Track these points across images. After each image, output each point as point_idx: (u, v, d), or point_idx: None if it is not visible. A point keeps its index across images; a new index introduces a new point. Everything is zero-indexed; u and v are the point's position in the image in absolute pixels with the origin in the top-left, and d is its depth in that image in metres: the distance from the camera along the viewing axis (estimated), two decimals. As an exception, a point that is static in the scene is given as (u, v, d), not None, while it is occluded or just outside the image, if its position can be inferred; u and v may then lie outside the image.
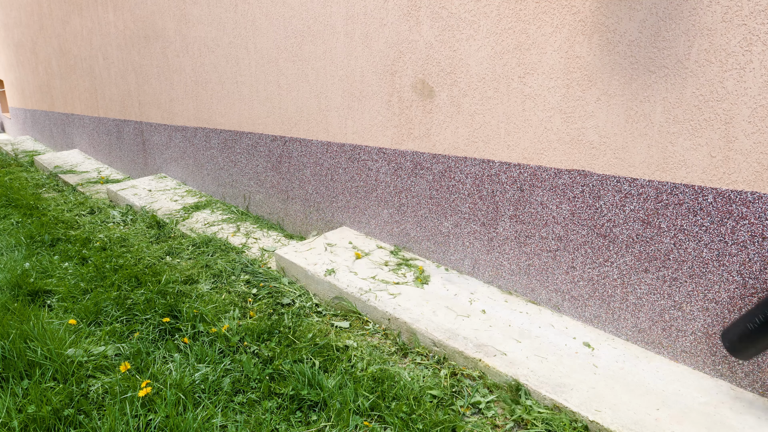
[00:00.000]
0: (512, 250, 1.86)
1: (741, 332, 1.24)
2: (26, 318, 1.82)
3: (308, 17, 2.39)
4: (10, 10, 7.30)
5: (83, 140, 5.72)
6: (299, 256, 2.25)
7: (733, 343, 1.28)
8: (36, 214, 3.41)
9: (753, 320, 1.22)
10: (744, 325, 1.24)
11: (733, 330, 1.26)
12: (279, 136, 2.79)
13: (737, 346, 1.27)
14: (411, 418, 1.34)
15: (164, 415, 1.35)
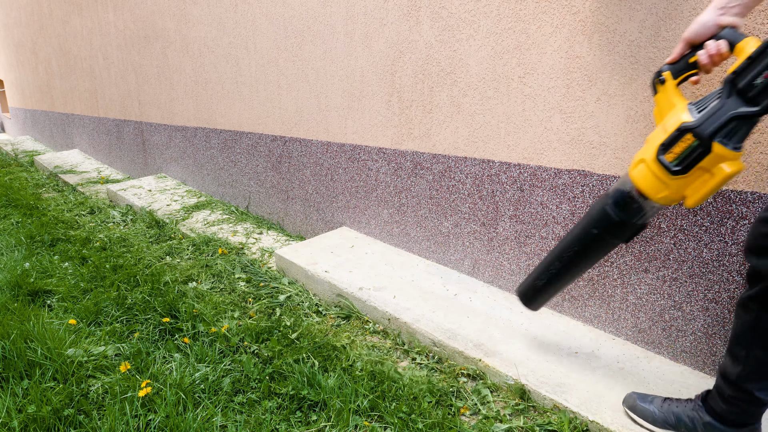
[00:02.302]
0: (512, 250, 1.86)
1: (532, 288, 1.48)
2: (26, 318, 1.82)
3: (308, 17, 2.39)
4: (10, 10, 7.30)
5: (83, 140, 5.72)
6: (299, 256, 2.25)
7: (527, 297, 1.51)
8: (36, 214, 3.41)
9: (542, 278, 1.43)
10: (533, 282, 1.46)
11: (526, 286, 1.50)
12: (279, 136, 2.80)
13: (530, 300, 1.51)
14: (411, 417, 1.34)
15: (164, 415, 1.35)
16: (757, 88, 0.98)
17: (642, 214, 1.22)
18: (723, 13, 1.04)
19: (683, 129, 1.07)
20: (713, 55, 1.05)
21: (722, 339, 1.42)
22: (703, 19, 1.06)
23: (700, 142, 1.05)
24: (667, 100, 1.15)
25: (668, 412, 1.22)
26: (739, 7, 1.03)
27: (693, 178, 1.10)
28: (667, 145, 1.10)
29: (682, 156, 1.09)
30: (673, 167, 1.10)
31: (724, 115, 1.02)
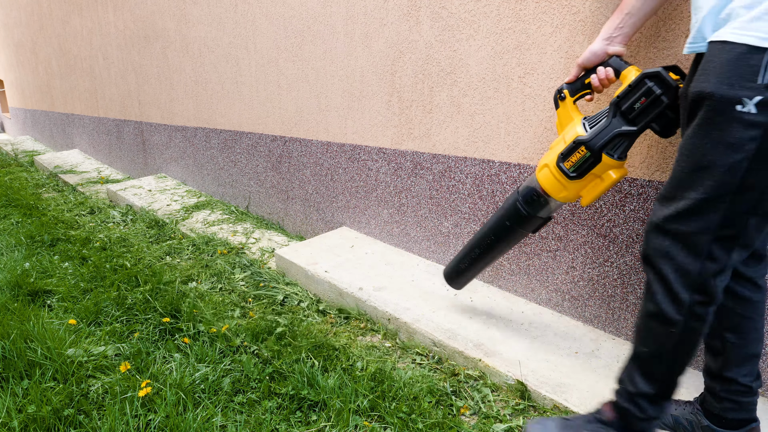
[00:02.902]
0: (512, 250, 1.86)
1: (456, 270, 1.68)
2: (26, 318, 1.82)
3: (308, 17, 2.39)
4: (10, 10, 7.30)
5: (83, 140, 5.72)
6: (299, 256, 2.25)
7: (452, 278, 1.71)
8: (36, 214, 3.41)
9: (464, 262, 1.63)
10: (457, 266, 1.66)
11: (451, 268, 1.70)
12: (279, 136, 2.80)
13: (455, 280, 1.71)
14: (411, 417, 1.34)
15: (164, 415, 1.35)
16: (635, 111, 1.19)
17: (546, 210, 1.43)
18: (609, 43, 1.22)
19: (578, 142, 1.27)
20: (602, 79, 1.25)
21: (722, 339, 1.42)
22: (594, 48, 1.24)
23: (591, 153, 1.26)
24: (567, 114, 1.36)
25: (666, 414, 1.24)
26: (621, 37, 1.22)
27: (587, 182, 1.32)
28: (565, 155, 1.31)
29: (577, 164, 1.29)
30: (570, 173, 1.31)
31: (610, 132, 1.23)
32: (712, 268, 0.96)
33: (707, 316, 1.00)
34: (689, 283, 0.98)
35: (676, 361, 1.04)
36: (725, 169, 0.89)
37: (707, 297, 0.98)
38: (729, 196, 0.91)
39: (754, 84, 0.84)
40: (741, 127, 0.86)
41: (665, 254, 1.00)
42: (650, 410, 1.08)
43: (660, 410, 1.09)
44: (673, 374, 1.06)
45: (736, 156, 0.88)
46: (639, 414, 1.08)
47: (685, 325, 1.00)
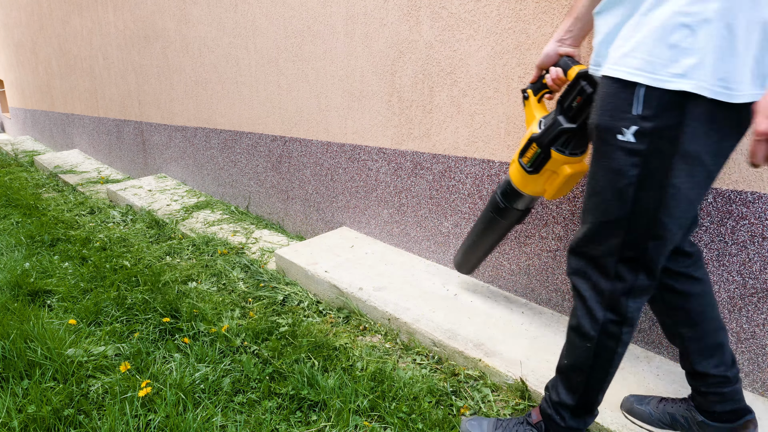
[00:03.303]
0: (512, 250, 1.86)
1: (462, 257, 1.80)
2: (26, 318, 1.82)
3: (308, 17, 2.39)
4: (10, 10, 7.30)
5: (83, 140, 5.72)
6: (299, 256, 2.25)
7: (461, 265, 1.83)
8: (36, 214, 3.41)
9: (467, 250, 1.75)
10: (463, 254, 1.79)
11: (458, 259, 1.83)
12: (279, 136, 2.80)
13: (463, 267, 1.83)
14: (411, 417, 1.34)
15: (164, 415, 1.35)
16: (573, 109, 1.24)
17: (520, 202, 1.51)
18: (560, 44, 1.27)
19: (531, 139, 1.35)
20: (554, 79, 1.30)
21: (722, 339, 1.42)
22: (547, 49, 1.30)
23: (541, 149, 1.33)
24: (530, 112, 1.42)
25: (663, 412, 1.26)
26: (571, 39, 1.26)
27: (545, 176, 1.39)
28: (523, 151, 1.39)
29: (532, 159, 1.37)
30: (528, 168, 1.39)
31: (555, 129, 1.29)
32: (621, 288, 1.02)
33: (621, 336, 1.05)
34: (603, 301, 1.04)
35: (593, 376, 1.09)
36: (614, 195, 0.96)
37: (619, 316, 1.03)
38: (624, 221, 0.97)
39: (630, 115, 0.90)
40: (623, 154, 0.92)
41: (582, 273, 1.07)
42: (571, 421, 1.14)
43: (582, 423, 1.14)
44: (591, 389, 1.10)
45: (622, 182, 0.94)
46: (560, 422, 1.14)
47: (599, 342, 1.06)
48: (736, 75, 0.84)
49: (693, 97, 0.85)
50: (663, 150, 0.89)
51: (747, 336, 1.37)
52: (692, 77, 0.84)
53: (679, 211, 0.94)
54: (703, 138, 0.88)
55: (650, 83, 0.87)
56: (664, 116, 0.88)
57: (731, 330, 1.39)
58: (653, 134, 0.89)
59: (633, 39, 0.90)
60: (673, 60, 0.85)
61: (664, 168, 0.90)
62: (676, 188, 0.91)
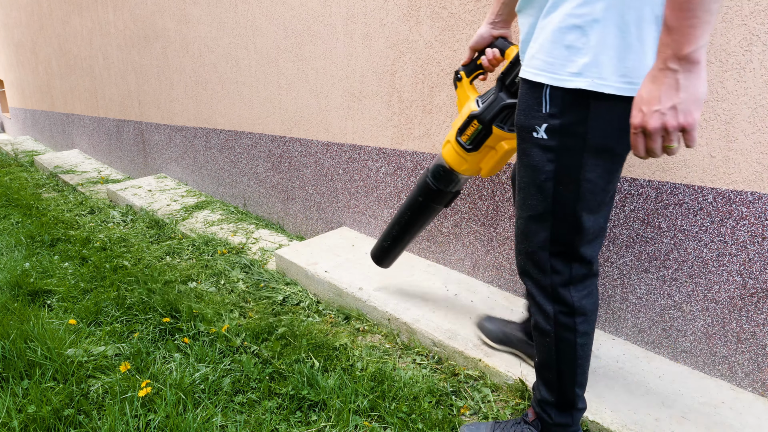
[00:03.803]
0: (512, 250, 1.86)
1: (381, 249, 1.79)
2: (26, 318, 1.82)
3: (308, 17, 2.39)
4: (10, 10, 7.30)
5: (83, 140, 5.72)
6: (299, 256, 2.25)
7: (378, 258, 1.82)
8: (36, 214, 3.41)
9: (387, 240, 1.75)
10: (381, 245, 1.78)
11: (375, 249, 1.81)
12: (279, 136, 2.80)
13: (381, 260, 1.82)
14: (411, 417, 1.34)
15: (164, 415, 1.35)
16: (516, 85, 1.28)
17: (454, 184, 1.55)
18: (493, 26, 1.33)
19: (471, 116, 1.38)
20: (491, 59, 1.35)
21: (722, 339, 1.42)
22: (481, 31, 1.35)
23: (482, 126, 1.37)
24: (464, 94, 1.46)
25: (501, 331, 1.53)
26: (502, 22, 1.32)
27: (483, 154, 1.43)
28: (462, 129, 1.42)
29: (472, 137, 1.40)
30: (467, 146, 1.42)
31: (497, 105, 1.33)
32: (559, 280, 1.05)
33: (576, 326, 1.06)
34: (548, 296, 1.07)
35: (562, 371, 1.11)
36: (536, 190, 1.01)
37: (567, 307, 1.05)
38: (548, 215, 1.01)
39: (540, 113, 0.95)
40: (539, 151, 0.97)
41: (526, 272, 1.10)
42: (558, 418, 1.15)
43: (569, 418, 1.15)
44: (565, 384, 1.12)
45: (541, 177, 0.98)
46: (548, 420, 1.16)
47: (557, 336, 1.08)
48: (637, 70, 0.86)
49: (595, 94, 0.88)
50: (572, 146, 0.93)
51: (747, 336, 1.37)
52: (588, 75, 0.87)
53: (596, 203, 0.98)
54: (611, 132, 0.91)
55: (552, 83, 0.91)
56: (569, 114, 0.92)
57: (731, 330, 1.39)
58: (561, 131, 0.93)
59: (537, 41, 0.95)
60: (570, 60, 0.89)
61: (576, 163, 0.94)
62: (590, 182, 0.95)
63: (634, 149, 0.85)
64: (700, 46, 0.75)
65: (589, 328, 1.08)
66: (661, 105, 0.78)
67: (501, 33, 1.33)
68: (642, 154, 0.84)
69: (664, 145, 0.82)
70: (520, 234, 1.08)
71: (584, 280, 1.06)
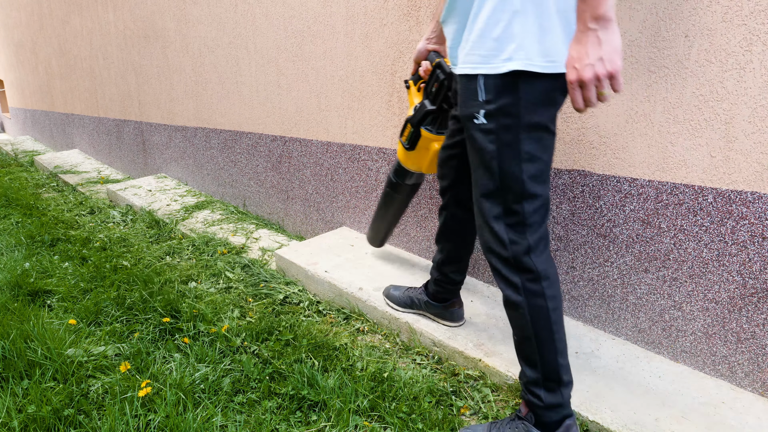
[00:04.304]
0: (512, 250, 1.86)
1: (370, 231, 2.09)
2: (26, 318, 1.82)
3: (308, 17, 2.39)
4: (10, 10, 7.30)
5: (83, 140, 5.72)
6: (299, 256, 2.25)
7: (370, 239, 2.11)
8: (36, 214, 3.41)
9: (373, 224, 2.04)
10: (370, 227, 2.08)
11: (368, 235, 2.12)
12: (279, 136, 2.80)
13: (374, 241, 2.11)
14: (411, 417, 1.34)
15: (164, 415, 1.35)
16: (433, 94, 1.54)
17: (408, 177, 1.79)
18: (428, 42, 1.54)
19: (406, 120, 1.64)
20: (425, 70, 1.57)
21: (722, 339, 1.42)
22: (419, 46, 1.56)
23: (414, 129, 1.61)
24: (411, 99, 1.67)
25: (406, 296, 1.74)
26: (436, 38, 1.52)
27: (419, 152, 1.65)
28: (402, 131, 1.68)
29: (408, 138, 1.65)
30: (406, 145, 1.67)
31: (422, 111, 1.56)
32: (518, 250, 1.13)
33: (544, 291, 1.14)
34: (512, 267, 1.14)
35: (541, 340, 1.15)
36: (484, 170, 1.13)
37: (532, 274, 1.13)
38: (498, 191, 1.12)
39: (478, 101, 1.08)
40: (481, 134, 1.10)
41: (489, 248, 1.18)
42: (548, 398, 1.16)
43: (559, 397, 1.16)
44: (546, 355, 1.16)
45: (486, 157, 1.11)
46: (538, 402, 1.17)
47: (529, 304, 1.14)
48: (554, 50, 1.01)
49: (522, 76, 1.02)
50: (509, 125, 1.06)
51: (747, 336, 1.37)
52: (516, 58, 1.01)
53: (537, 171, 1.10)
54: (540, 108, 1.05)
55: (488, 72, 1.05)
56: (502, 98, 1.05)
57: (731, 330, 1.40)
58: (497, 113, 1.06)
59: (469, 41, 1.09)
60: (500, 49, 1.03)
61: (515, 139, 1.07)
62: (529, 154, 1.08)
63: (574, 103, 0.98)
64: (610, 6, 0.91)
65: (557, 292, 1.15)
66: (590, 59, 0.93)
67: (434, 47, 1.53)
68: (581, 106, 0.97)
69: (597, 92, 0.95)
70: (478, 212, 1.18)
71: (540, 244, 1.14)
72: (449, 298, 1.65)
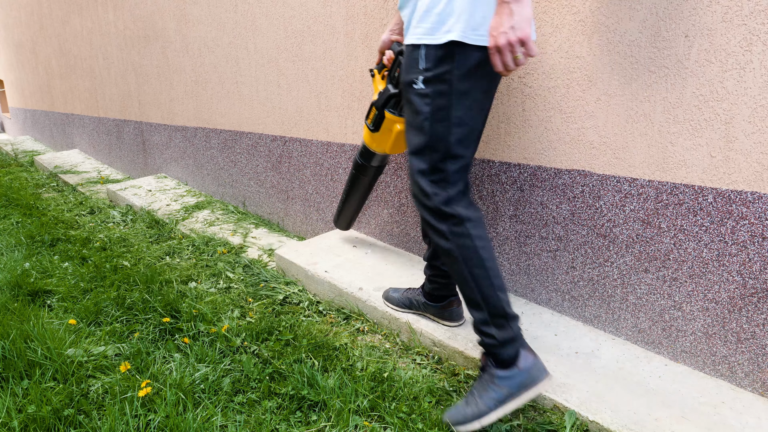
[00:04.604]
0: (512, 250, 1.86)
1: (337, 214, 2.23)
2: (26, 318, 1.82)
3: (308, 17, 2.39)
4: (10, 10, 7.31)
5: (83, 140, 5.72)
6: (299, 256, 2.25)
7: (336, 221, 2.26)
8: (36, 214, 3.41)
9: (340, 207, 2.18)
10: (338, 214, 2.23)
11: (335, 218, 2.26)
12: (279, 136, 2.80)
13: (336, 221, 2.26)
14: (411, 417, 1.34)
15: (164, 415, 1.35)
16: (396, 78, 1.67)
17: (373, 159, 1.91)
18: (391, 33, 1.68)
19: (371, 104, 1.76)
20: (388, 59, 1.70)
21: (722, 339, 1.42)
22: (383, 37, 1.69)
23: (378, 111, 1.72)
24: (376, 86, 1.78)
25: (405, 297, 1.76)
26: (399, 30, 1.66)
27: (383, 134, 1.76)
28: (367, 114, 1.79)
29: (373, 120, 1.76)
30: (371, 127, 1.78)
31: (386, 95, 1.68)
32: (440, 200, 1.28)
33: (469, 230, 1.27)
34: (437, 216, 1.29)
35: (477, 278, 1.27)
36: (417, 130, 1.28)
37: (455, 219, 1.27)
38: (426, 149, 1.27)
39: (418, 69, 1.24)
40: (418, 98, 1.25)
41: (417, 200, 1.33)
42: (499, 334, 1.26)
43: (509, 330, 1.27)
44: (485, 291, 1.26)
45: (420, 118, 1.26)
46: (492, 341, 1.27)
47: (458, 246, 1.27)
48: (484, 25, 1.17)
49: (458, 47, 1.18)
50: (443, 91, 1.21)
51: (747, 336, 1.37)
52: (453, 31, 1.17)
53: (463, 135, 1.25)
54: (472, 77, 1.21)
55: (428, 42, 1.21)
56: (439, 66, 1.21)
57: (731, 330, 1.40)
58: (434, 80, 1.22)
59: (416, 17, 1.25)
60: (441, 23, 1.19)
61: (447, 104, 1.22)
62: (458, 118, 1.23)
63: (495, 66, 1.11)
64: None
65: (482, 232, 1.28)
66: (503, 27, 1.07)
67: (397, 38, 1.67)
68: (501, 68, 1.11)
69: (513, 57, 1.08)
70: (410, 168, 1.33)
71: (461, 196, 1.29)
72: (446, 296, 1.65)
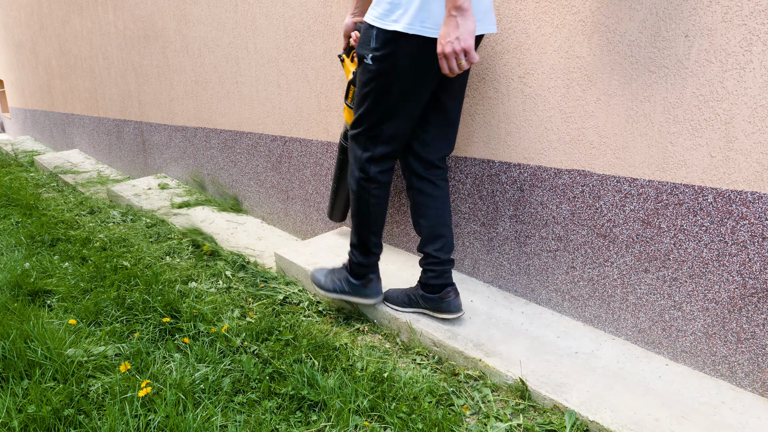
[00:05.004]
0: (512, 250, 1.86)
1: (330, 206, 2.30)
2: (26, 318, 1.82)
3: (308, 17, 2.39)
4: (10, 10, 7.30)
5: (83, 140, 5.72)
6: (299, 256, 2.25)
7: (332, 214, 2.31)
8: (36, 214, 3.41)
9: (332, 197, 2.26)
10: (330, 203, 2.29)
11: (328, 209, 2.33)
12: (279, 136, 2.80)
13: (333, 215, 2.31)
14: (411, 417, 1.34)
15: (164, 415, 1.35)
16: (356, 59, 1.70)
17: None
18: (353, 16, 1.82)
19: (349, 83, 1.87)
20: (355, 40, 1.82)
21: (722, 339, 1.42)
22: (346, 21, 1.85)
23: None
24: (347, 69, 1.90)
25: (403, 294, 1.79)
26: (359, 12, 1.81)
27: None
28: (346, 95, 1.91)
29: (353, 99, 1.82)
30: (350, 106, 1.88)
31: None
32: (367, 156, 1.59)
33: (370, 190, 1.62)
34: (357, 165, 1.62)
35: (361, 219, 1.67)
36: (363, 98, 1.53)
37: (366, 176, 1.60)
38: (369, 114, 1.53)
39: (369, 47, 1.44)
40: (367, 72, 1.48)
41: (351, 148, 1.64)
42: (359, 258, 1.73)
43: (365, 259, 1.72)
44: (362, 230, 1.68)
45: (366, 89, 1.50)
46: (354, 258, 1.74)
47: (357, 192, 1.64)
48: (434, 20, 1.33)
49: (404, 35, 1.36)
50: (387, 69, 1.43)
51: (747, 336, 1.37)
52: (400, 21, 1.35)
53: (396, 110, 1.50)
54: (414, 62, 1.41)
55: (378, 26, 1.40)
56: (386, 48, 1.40)
57: (731, 330, 1.40)
58: (381, 59, 1.43)
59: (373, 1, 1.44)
60: (391, 11, 1.37)
61: (389, 81, 1.45)
62: (397, 92, 1.46)
63: (442, 69, 1.31)
64: None
65: (382, 193, 1.63)
66: (450, 37, 1.25)
67: (359, 20, 1.79)
68: (447, 71, 1.31)
69: (457, 63, 1.27)
70: (354, 124, 1.59)
71: (382, 160, 1.59)
72: (443, 285, 1.65)
